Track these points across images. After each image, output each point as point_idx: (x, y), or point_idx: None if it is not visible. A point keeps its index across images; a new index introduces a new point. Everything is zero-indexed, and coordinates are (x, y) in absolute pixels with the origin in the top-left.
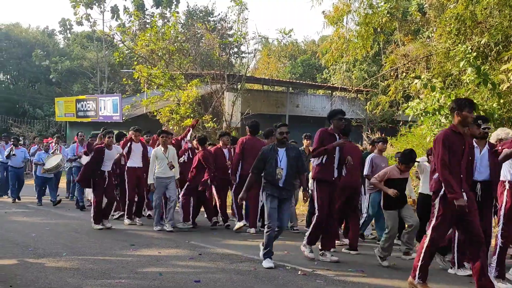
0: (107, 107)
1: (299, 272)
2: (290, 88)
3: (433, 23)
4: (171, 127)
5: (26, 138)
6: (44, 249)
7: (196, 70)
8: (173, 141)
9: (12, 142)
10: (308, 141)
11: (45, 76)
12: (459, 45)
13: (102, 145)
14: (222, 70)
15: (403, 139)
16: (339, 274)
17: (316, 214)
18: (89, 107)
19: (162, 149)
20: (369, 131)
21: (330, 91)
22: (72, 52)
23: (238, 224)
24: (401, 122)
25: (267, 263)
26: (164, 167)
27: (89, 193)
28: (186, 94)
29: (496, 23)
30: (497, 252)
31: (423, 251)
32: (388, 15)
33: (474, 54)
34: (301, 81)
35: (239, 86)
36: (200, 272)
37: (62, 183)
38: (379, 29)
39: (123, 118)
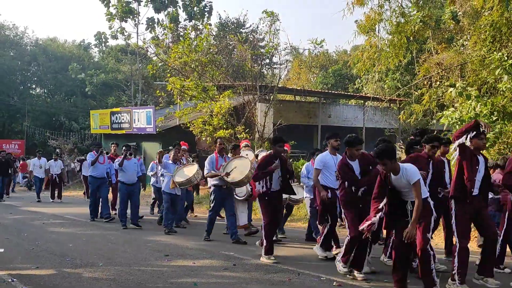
0: (141, 119)
1: (334, 283)
2: (322, 99)
3: (467, 31)
4: (203, 138)
5: (62, 151)
6: (81, 259)
7: (228, 82)
8: None
9: (127, 151)
10: None
11: (80, 89)
12: (495, 52)
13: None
14: (254, 81)
15: None
16: (375, 285)
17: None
18: (123, 119)
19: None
20: (402, 142)
21: (362, 101)
22: (107, 65)
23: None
24: (436, 132)
25: None
26: None
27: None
28: (219, 105)
29: None
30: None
31: None
32: (420, 23)
33: (510, 61)
34: (333, 91)
35: (271, 97)
36: (234, 282)
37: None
38: (411, 38)
39: (157, 130)
